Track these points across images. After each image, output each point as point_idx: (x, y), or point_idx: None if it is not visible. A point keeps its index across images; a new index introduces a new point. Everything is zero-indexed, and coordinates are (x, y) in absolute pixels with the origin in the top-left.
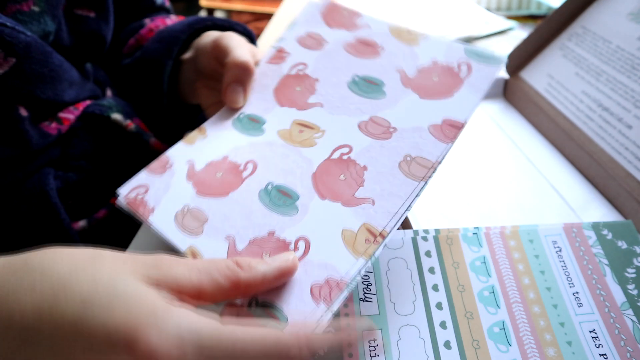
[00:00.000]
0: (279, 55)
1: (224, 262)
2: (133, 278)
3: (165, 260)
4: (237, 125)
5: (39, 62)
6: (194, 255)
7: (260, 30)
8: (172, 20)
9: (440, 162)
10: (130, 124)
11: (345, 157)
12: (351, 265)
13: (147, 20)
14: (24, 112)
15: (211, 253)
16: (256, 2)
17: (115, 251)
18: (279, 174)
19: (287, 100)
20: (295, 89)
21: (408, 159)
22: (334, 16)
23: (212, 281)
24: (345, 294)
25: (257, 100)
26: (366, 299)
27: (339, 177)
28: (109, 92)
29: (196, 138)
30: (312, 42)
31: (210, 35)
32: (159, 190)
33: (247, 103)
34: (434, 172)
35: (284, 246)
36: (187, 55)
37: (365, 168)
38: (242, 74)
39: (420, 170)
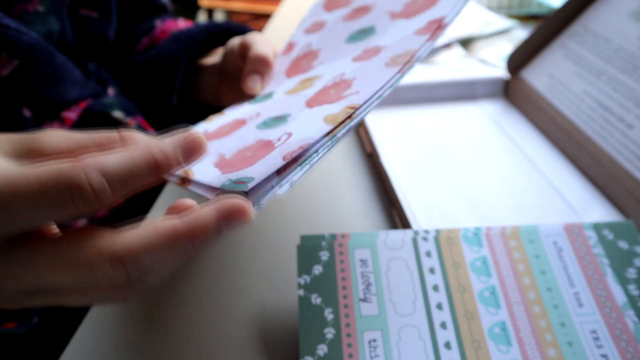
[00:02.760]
0: (290, 47)
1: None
2: None
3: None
4: (252, 102)
5: (42, 63)
6: (187, 173)
7: (260, 30)
8: (183, 23)
9: (423, 53)
10: (131, 122)
11: (338, 80)
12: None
13: (157, 22)
14: (27, 113)
15: (201, 168)
16: (256, 2)
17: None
18: (278, 111)
19: (294, 72)
20: (301, 63)
21: (394, 57)
22: (334, 2)
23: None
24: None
25: (271, 84)
26: (366, 299)
27: (329, 93)
28: (110, 91)
29: (215, 117)
30: (315, 27)
31: (237, 38)
32: None
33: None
34: (416, 60)
35: (267, 143)
36: (210, 60)
37: (354, 78)
38: (261, 66)
39: (403, 59)
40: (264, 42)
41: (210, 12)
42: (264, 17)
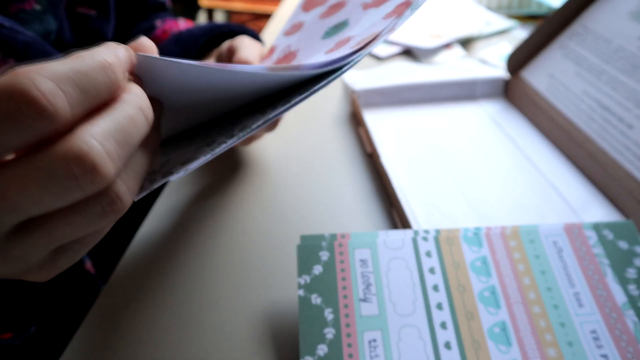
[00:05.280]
0: (271, 50)
1: None
2: None
3: None
4: None
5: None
6: None
7: (260, 30)
8: (184, 23)
9: (386, 32)
10: None
11: None
12: None
13: (158, 22)
14: None
15: None
16: (256, 2)
17: None
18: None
19: None
20: (281, 64)
21: (359, 42)
22: (311, 2)
23: None
24: None
25: None
26: (366, 299)
27: None
28: None
29: None
30: (294, 29)
31: (227, 42)
32: None
33: None
34: (380, 39)
35: None
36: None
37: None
38: None
39: (367, 40)
40: (250, 46)
41: (210, 12)
42: (264, 17)
